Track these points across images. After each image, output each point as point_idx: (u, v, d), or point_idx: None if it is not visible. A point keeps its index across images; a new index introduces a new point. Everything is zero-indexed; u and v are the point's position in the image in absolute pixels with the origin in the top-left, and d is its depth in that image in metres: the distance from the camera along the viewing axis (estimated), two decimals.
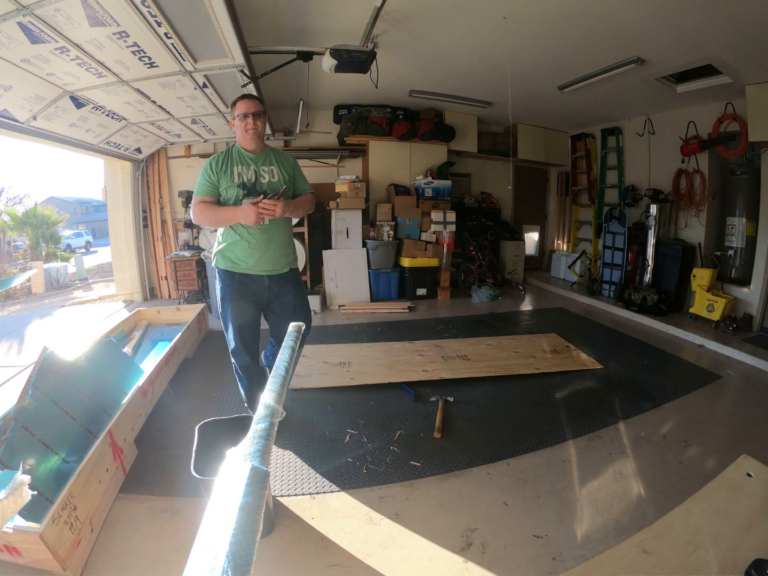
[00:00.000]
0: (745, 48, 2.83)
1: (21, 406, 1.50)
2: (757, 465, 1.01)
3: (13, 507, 0.73)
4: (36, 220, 10.05)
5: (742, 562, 0.76)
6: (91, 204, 26.27)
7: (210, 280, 4.26)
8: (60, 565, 1.23)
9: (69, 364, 1.84)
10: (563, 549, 1.44)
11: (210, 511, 0.52)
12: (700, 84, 3.56)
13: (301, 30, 2.95)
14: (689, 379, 2.82)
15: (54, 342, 3.60)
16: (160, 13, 1.97)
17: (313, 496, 1.72)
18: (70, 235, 16.13)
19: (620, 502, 1.67)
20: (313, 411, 2.38)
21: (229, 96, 3.43)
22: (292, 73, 3.62)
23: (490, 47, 3.19)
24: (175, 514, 1.60)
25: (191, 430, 1.61)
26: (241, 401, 2.29)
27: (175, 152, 5.09)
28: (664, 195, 4.41)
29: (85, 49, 2.24)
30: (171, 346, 2.69)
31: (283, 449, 2.02)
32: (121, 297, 5.20)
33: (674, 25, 2.66)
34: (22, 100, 2.66)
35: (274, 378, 0.86)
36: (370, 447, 2.04)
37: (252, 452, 0.62)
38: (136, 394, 2.03)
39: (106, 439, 1.64)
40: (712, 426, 2.26)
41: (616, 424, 2.23)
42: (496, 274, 5.45)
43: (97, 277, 8.84)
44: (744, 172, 3.82)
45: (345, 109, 5.07)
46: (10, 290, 6.64)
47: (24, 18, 1.85)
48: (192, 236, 5.05)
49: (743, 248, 3.89)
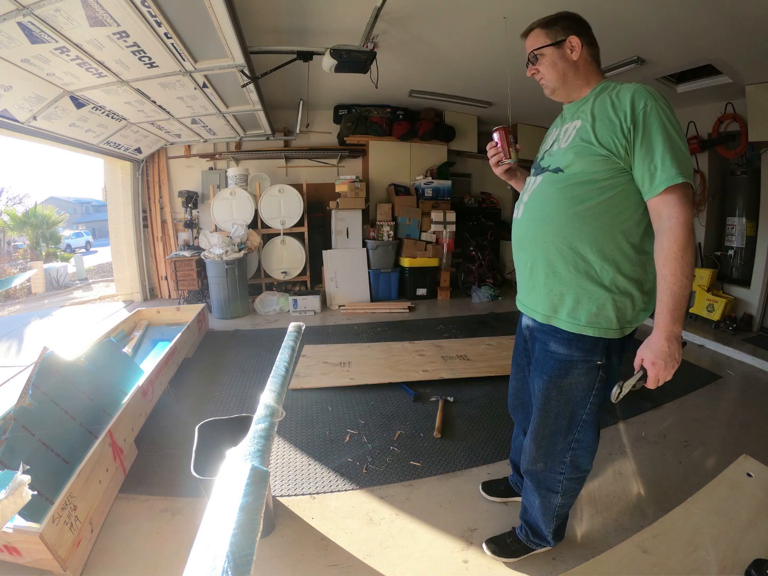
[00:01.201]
0: (745, 48, 2.83)
1: (21, 406, 1.50)
2: (757, 465, 1.01)
3: (13, 507, 0.73)
4: (36, 220, 10.06)
5: (742, 562, 0.76)
6: (91, 204, 26.27)
7: (210, 279, 4.26)
8: (60, 565, 1.23)
9: (69, 364, 1.84)
10: (563, 549, 1.43)
11: (210, 511, 0.52)
12: (700, 84, 3.56)
13: (301, 30, 2.94)
14: (689, 379, 2.81)
15: (54, 342, 3.59)
16: (160, 13, 1.98)
17: (313, 496, 1.72)
18: (70, 235, 16.13)
19: (620, 502, 1.67)
20: (313, 411, 2.38)
21: (229, 96, 3.44)
22: (292, 73, 3.62)
23: (490, 47, 3.18)
24: (175, 514, 1.60)
25: (191, 430, 1.61)
26: (241, 401, 2.28)
27: (175, 152, 5.09)
28: None
29: (85, 49, 2.24)
30: (171, 346, 2.68)
31: (283, 449, 2.02)
32: (121, 297, 5.20)
33: (674, 25, 2.65)
34: (22, 100, 2.66)
35: (274, 378, 0.86)
36: (370, 447, 2.04)
37: (252, 452, 0.62)
38: (136, 394, 2.03)
39: (106, 439, 1.63)
40: (712, 426, 2.26)
41: (616, 424, 2.23)
42: (496, 274, 5.45)
43: (97, 277, 8.84)
44: (744, 172, 3.82)
45: (345, 109, 5.07)
46: (10, 290, 6.64)
47: (24, 18, 1.86)
48: (192, 236, 5.05)
49: (743, 248, 3.89)
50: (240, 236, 4.44)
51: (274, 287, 4.98)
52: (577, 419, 1.18)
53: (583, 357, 1.12)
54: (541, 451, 1.25)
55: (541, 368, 1.19)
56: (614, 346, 1.11)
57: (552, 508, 1.29)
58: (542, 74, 1.17)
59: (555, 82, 1.16)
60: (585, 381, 1.15)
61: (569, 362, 1.13)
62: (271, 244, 4.85)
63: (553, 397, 1.17)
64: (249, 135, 4.89)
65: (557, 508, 1.29)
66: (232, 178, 4.83)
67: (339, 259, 4.77)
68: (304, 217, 4.86)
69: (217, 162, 5.20)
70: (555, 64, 1.13)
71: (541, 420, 1.22)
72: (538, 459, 1.26)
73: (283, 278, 4.94)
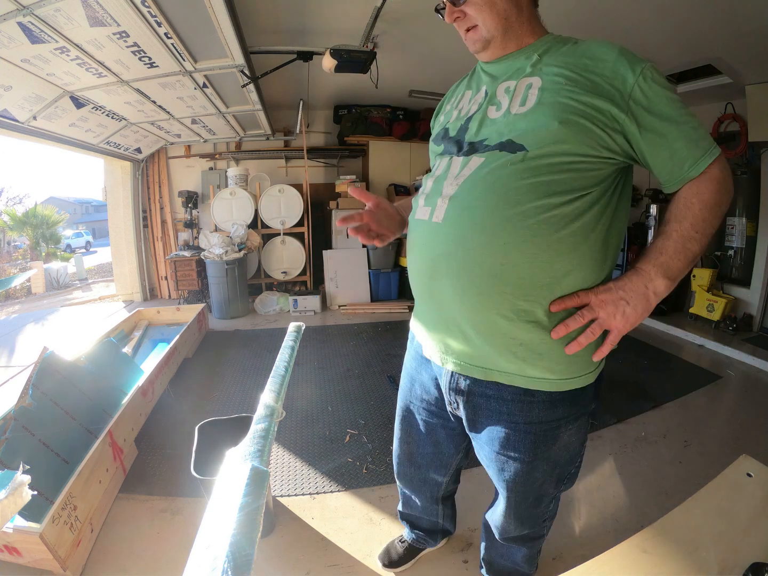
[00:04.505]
0: (745, 48, 2.83)
1: (21, 406, 1.50)
2: (757, 465, 1.01)
3: (13, 507, 0.73)
4: (36, 220, 10.07)
5: (743, 563, 0.76)
6: (91, 204, 26.29)
7: (210, 279, 4.26)
8: (60, 565, 1.23)
9: (69, 364, 1.84)
10: (563, 549, 1.43)
11: (210, 511, 0.52)
12: (700, 84, 3.56)
13: (301, 30, 2.94)
14: (689, 379, 2.81)
15: (54, 342, 3.59)
16: (160, 13, 1.97)
17: (313, 496, 1.72)
18: (70, 235, 16.15)
19: (620, 501, 1.67)
20: (313, 411, 2.38)
21: (229, 96, 3.43)
22: (292, 73, 3.62)
23: None
24: (175, 514, 1.60)
25: (191, 430, 1.61)
26: (241, 401, 2.28)
27: (175, 152, 5.09)
28: (664, 195, 4.41)
29: (85, 49, 2.24)
30: (171, 346, 2.69)
31: (283, 449, 2.02)
32: (120, 297, 5.20)
33: (674, 25, 2.65)
34: (22, 100, 2.66)
35: (274, 378, 0.86)
36: (370, 447, 2.04)
37: (252, 452, 0.62)
38: (136, 394, 2.03)
39: (106, 439, 1.64)
40: (712, 426, 2.26)
41: (616, 424, 2.23)
42: None
43: (97, 277, 8.84)
44: (744, 172, 3.82)
45: (345, 109, 5.07)
46: (10, 290, 6.64)
47: (24, 18, 1.85)
48: (192, 236, 5.05)
49: (743, 248, 3.88)
50: (240, 236, 4.44)
51: (274, 287, 4.98)
52: (565, 475, 0.93)
53: (574, 413, 0.84)
54: (526, 523, 1.00)
55: (513, 447, 0.85)
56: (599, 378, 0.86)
57: (537, 549, 1.13)
58: (472, 18, 0.79)
59: (494, 30, 0.79)
60: (578, 438, 0.88)
61: (556, 428, 0.83)
62: (271, 244, 4.85)
63: (540, 468, 0.87)
64: (249, 135, 4.89)
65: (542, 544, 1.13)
66: (232, 178, 4.83)
67: (339, 259, 4.77)
68: (304, 217, 4.86)
69: (217, 162, 5.20)
70: (493, 3, 0.77)
71: (522, 497, 0.93)
72: (523, 527, 1.01)
73: (283, 278, 4.94)
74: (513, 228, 0.71)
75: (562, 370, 0.78)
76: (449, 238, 0.76)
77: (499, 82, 0.80)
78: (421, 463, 1.12)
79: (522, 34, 0.80)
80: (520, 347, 0.76)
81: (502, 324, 0.75)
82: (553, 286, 0.73)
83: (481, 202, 0.73)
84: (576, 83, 0.70)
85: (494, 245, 0.72)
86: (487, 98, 0.81)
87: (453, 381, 0.87)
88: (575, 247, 0.72)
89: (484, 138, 0.77)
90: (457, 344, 0.82)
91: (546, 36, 0.82)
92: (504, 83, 0.79)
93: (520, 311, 0.74)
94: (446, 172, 0.81)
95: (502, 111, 0.76)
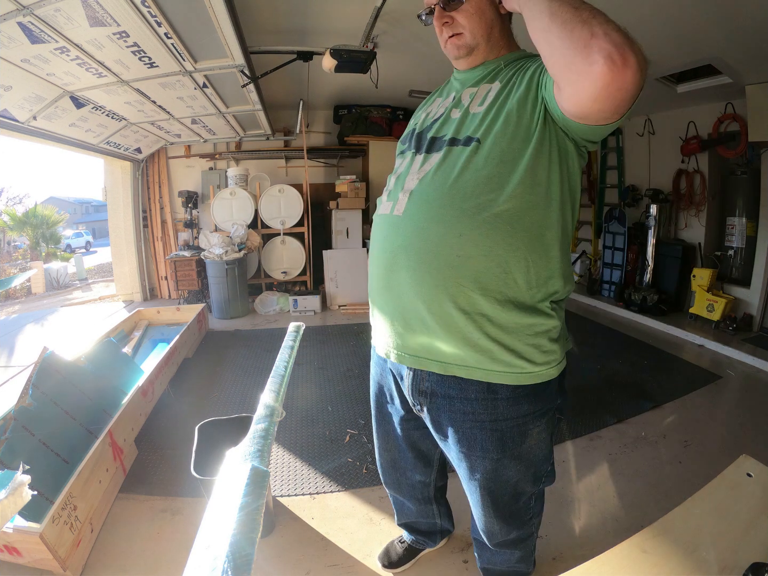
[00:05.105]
0: (745, 48, 2.83)
1: (21, 406, 1.50)
2: (757, 465, 1.01)
3: (13, 507, 0.73)
4: (36, 220, 10.06)
5: (743, 563, 0.76)
6: (91, 204, 26.28)
7: (210, 279, 4.26)
8: (60, 565, 1.24)
9: (69, 364, 1.84)
10: (563, 549, 1.43)
11: (210, 511, 0.52)
12: (700, 84, 3.56)
13: (301, 30, 2.94)
14: (689, 379, 2.81)
15: (54, 342, 3.59)
16: (160, 13, 1.97)
17: (313, 496, 1.72)
18: (70, 235, 16.15)
19: (620, 502, 1.67)
20: (313, 411, 2.38)
21: (229, 96, 3.43)
22: (292, 73, 3.62)
23: None
24: (175, 514, 1.60)
25: (191, 430, 1.61)
26: (241, 401, 2.28)
27: (175, 152, 5.09)
28: (664, 195, 4.41)
29: (85, 49, 2.24)
30: (171, 346, 2.69)
31: (283, 449, 2.02)
32: (120, 297, 5.20)
33: (674, 25, 2.65)
34: (22, 100, 2.66)
35: (274, 378, 0.86)
36: (370, 447, 2.03)
37: (252, 452, 0.62)
38: (136, 394, 2.03)
39: (106, 439, 1.64)
40: (712, 426, 2.26)
41: (616, 424, 2.23)
42: None
43: (97, 278, 8.84)
44: (744, 172, 3.82)
45: (345, 109, 5.06)
46: (10, 290, 6.64)
47: (24, 18, 1.85)
48: (192, 236, 5.05)
49: (743, 248, 3.89)
50: (240, 236, 4.44)
51: (274, 287, 4.98)
52: (542, 472, 0.92)
53: (541, 408, 0.83)
54: (511, 523, 0.98)
55: (480, 446, 0.84)
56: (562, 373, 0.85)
57: (531, 548, 1.12)
58: (459, 25, 0.81)
59: (480, 37, 0.82)
60: (547, 433, 0.88)
61: (523, 424, 0.83)
62: (271, 244, 4.85)
63: (511, 467, 0.87)
64: (249, 135, 4.89)
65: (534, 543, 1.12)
66: (232, 178, 4.83)
67: (339, 259, 4.77)
68: (304, 217, 4.86)
69: (217, 162, 5.20)
70: (483, 12, 0.80)
71: (496, 495, 0.92)
72: (509, 528, 0.99)
73: (283, 278, 4.94)
74: (469, 220, 0.73)
75: (522, 364, 0.78)
76: (408, 230, 0.78)
77: (466, 87, 0.86)
78: (405, 467, 1.13)
79: (500, 46, 0.86)
80: (478, 339, 0.76)
81: (458, 316, 0.76)
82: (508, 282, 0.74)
83: (438, 194, 0.76)
84: (521, 83, 0.76)
85: (450, 237, 0.74)
86: (453, 102, 0.86)
87: (416, 382, 0.87)
88: (529, 242, 0.74)
89: (443, 134, 0.81)
90: (414, 338, 0.82)
91: (518, 51, 0.88)
92: (469, 89, 0.85)
93: (476, 304, 0.75)
94: (408, 168, 0.84)
95: (462, 111, 0.81)
